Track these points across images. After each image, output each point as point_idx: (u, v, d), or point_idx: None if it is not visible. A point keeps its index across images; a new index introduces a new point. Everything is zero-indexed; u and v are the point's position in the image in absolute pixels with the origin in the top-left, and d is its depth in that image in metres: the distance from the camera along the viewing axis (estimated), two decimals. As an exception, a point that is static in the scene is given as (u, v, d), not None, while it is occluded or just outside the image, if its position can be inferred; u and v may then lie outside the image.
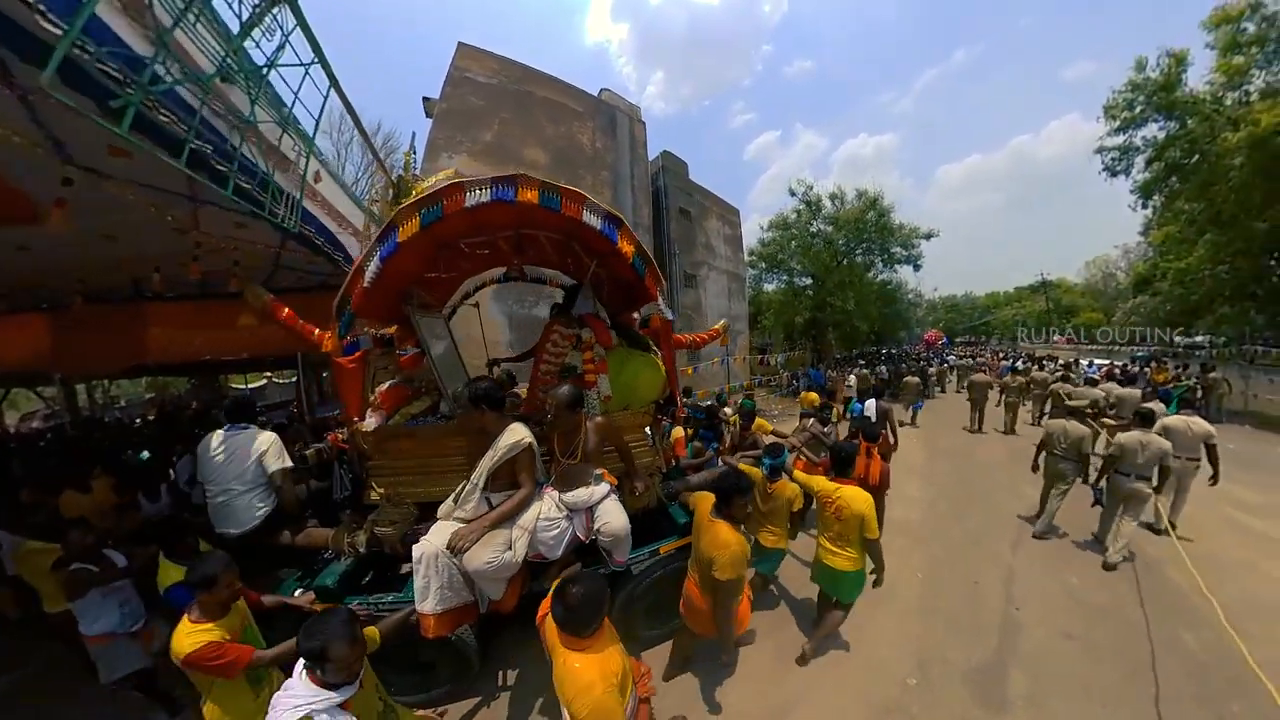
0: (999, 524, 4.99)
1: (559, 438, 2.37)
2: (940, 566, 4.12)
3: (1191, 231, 15.03)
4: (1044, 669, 2.85)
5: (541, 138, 10.29)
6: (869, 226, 17.60)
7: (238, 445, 2.67)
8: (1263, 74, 12.28)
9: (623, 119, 12.37)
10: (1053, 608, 3.47)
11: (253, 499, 2.63)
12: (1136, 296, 22.90)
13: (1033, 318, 42.41)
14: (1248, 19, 12.04)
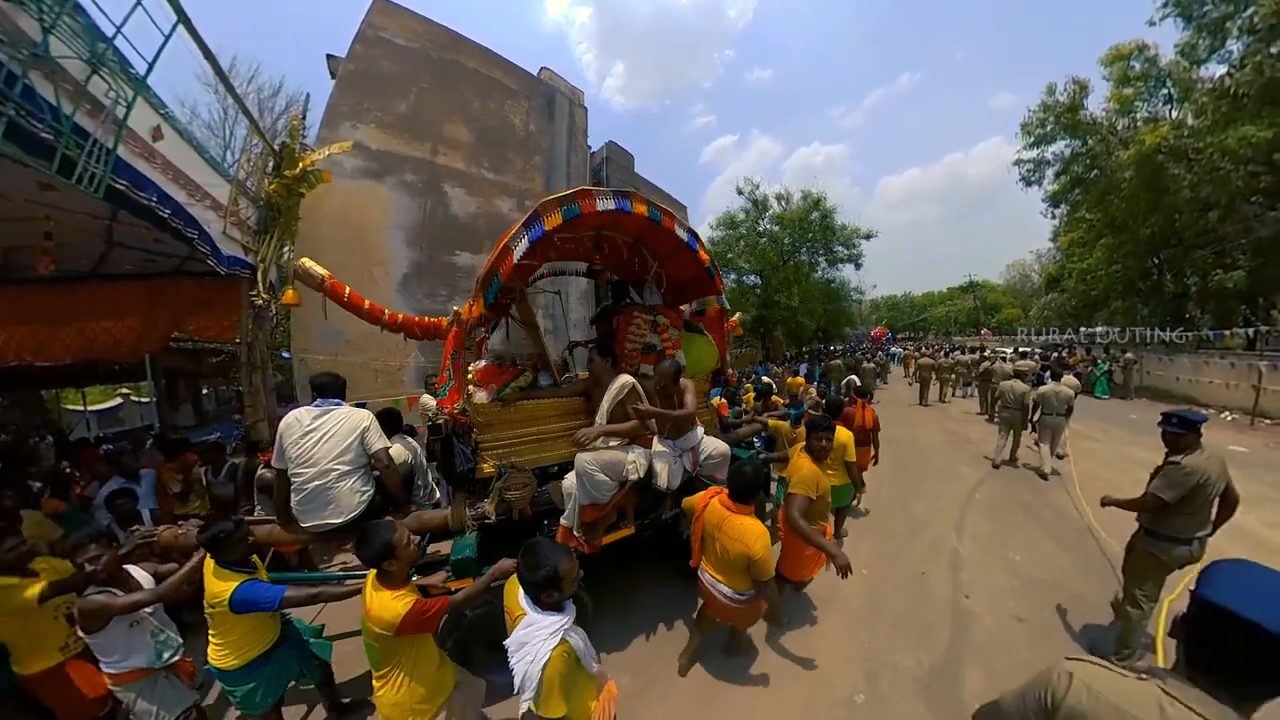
0: (942, 508, 5.30)
1: (662, 399, 3.08)
2: (887, 559, 4.21)
3: (1091, 236, 18.00)
4: (998, 661, 2.88)
5: (467, 113, 9.60)
6: (813, 226, 18.51)
7: (335, 423, 2.53)
8: (1146, 104, 15.00)
9: (563, 102, 11.93)
10: (1000, 590, 3.61)
11: (355, 482, 2.54)
12: (1048, 294, 26.36)
13: (963, 315, 49.06)
14: (1135, 58, 14.64)
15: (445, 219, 8.75)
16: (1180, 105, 14.49)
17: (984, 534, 4.60)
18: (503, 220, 9.77)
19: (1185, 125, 13.77)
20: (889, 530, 4.79)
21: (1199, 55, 13.34)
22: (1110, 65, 15.06)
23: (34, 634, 2.15)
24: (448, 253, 8.70)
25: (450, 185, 8.91)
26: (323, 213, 7.28)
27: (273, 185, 6.07)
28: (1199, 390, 12.02)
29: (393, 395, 7.23)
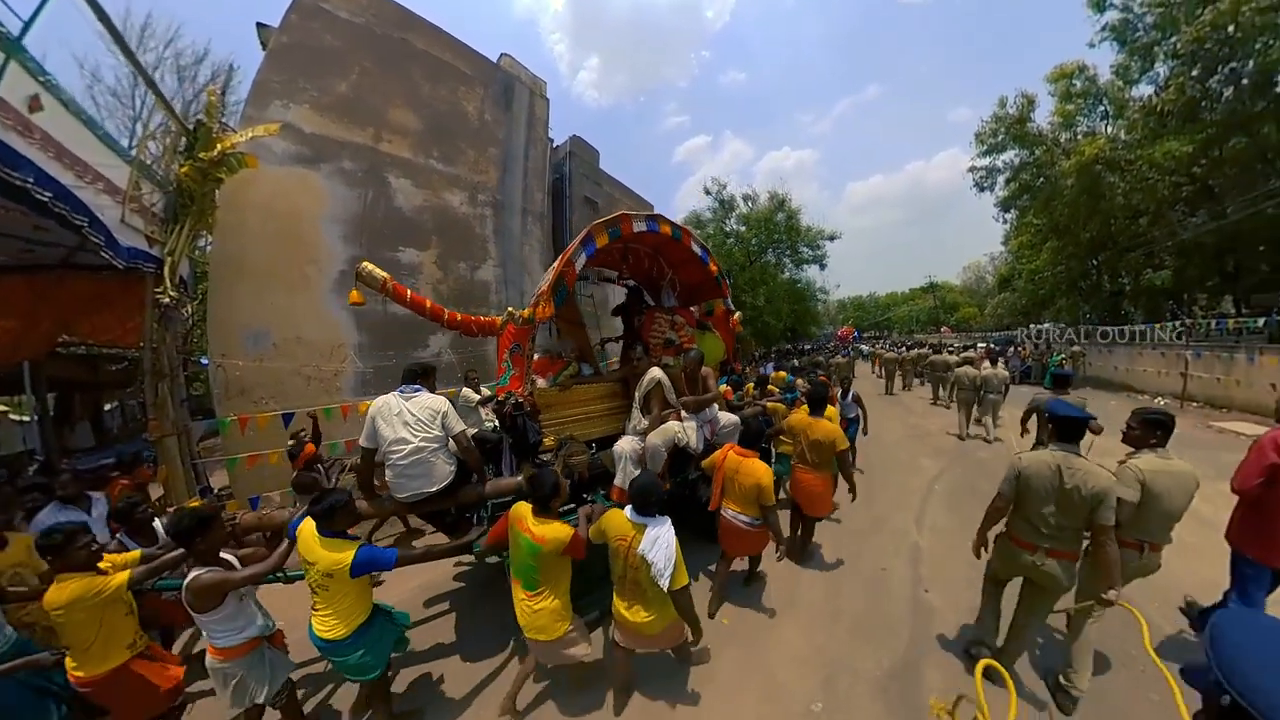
0: (903, 501, 5.51)
1: (688, 383, 3.86)
2: (848, 557, 4.29)
3: (1038, 239, 19.80)
4: (959, 655, 2.95)
5: (415, 98, 9.15)
6: (778, 227, 19.01)
7: (422, 406, 2.90)
8: (1086, 119, 16.71)
9: (522, 91, 11.63)
10: (959, 582, 3.71)
11: (443, 456, 2.92)
12: (1000, 293, 29.02)
13: (924, 314, 52.83)
14: (1076, 77, 16.31)
15: (388, 212, 8.29)
16: (1115, 121, 16.17)
17: (943, 526, 4.82)
18: (453, 215, 9.39)
19: (1119, 139, 15.25)
20: (851, 527, 4.92)
21: (1131, 76, 14.90)
22: (1055, 82, 16.62)
23: (108, 630, 2.18)
24: (390, 249, 8.24)
25: (395, 175, 8.45)
26: (247, 201, 6.74)
27: (184, 169, 5.55)
28: (1134, 378, 13.28)
29: (326, 403, 6.76)
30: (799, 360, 17.44)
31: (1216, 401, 10.46)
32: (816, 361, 15.34)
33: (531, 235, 10.94)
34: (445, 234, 9.01)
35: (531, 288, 10.81)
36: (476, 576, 4.45)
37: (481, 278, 9.57)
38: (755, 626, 3.38)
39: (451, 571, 4.51)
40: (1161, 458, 2.57)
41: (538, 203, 11.30)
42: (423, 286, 8.51)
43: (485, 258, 9.69)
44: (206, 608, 2.12)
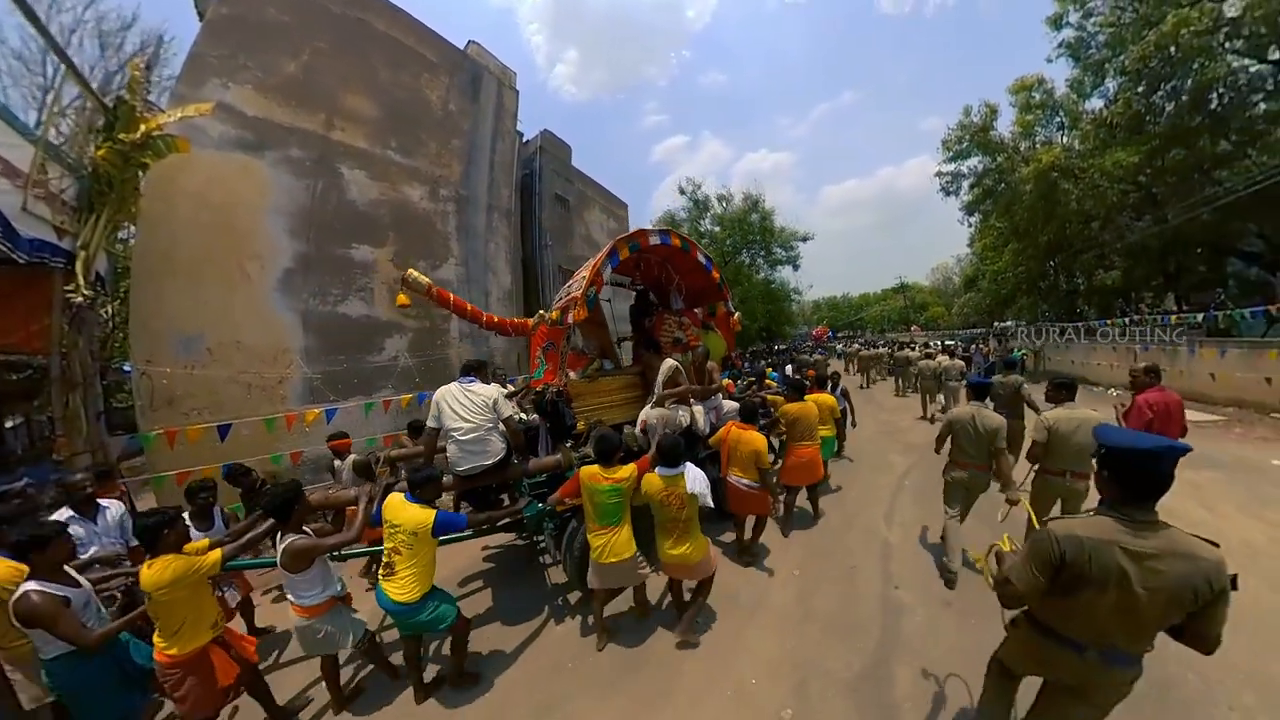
0: (874, 498, 5.65)
1: (696, 374, 4.67)
2: (819, 557, 4.33)
3: (1000, 242, 21.14)
4: (929, 652, 2.98)
5: (372, 84, 8.75)
6: (753, 228, 19.36)
7: (478, 394, 3.42)
8: (1044, 129, 18.04)
9: (489, 82, 11.34)
10: (928, 577, 3.79)
11: (495, 436, 3.43)
12: (966, 293, 30.47)
13: (895, 313, 55.62)
14: (1035, 89, 17.54)
15: (340, 205, 7.88)
16: (1070, 131, 17.36)
17: (912, 521, 4.92)
18: (413, 210, 9.02)
19: (1073, 149, 16.34)
20: (823, 525, 5.00)
21: (1084, 90, 16.10)
22: (1016, 94, 17.79)
23: (198, 608, 2.39)
24: (342, 245, 7.83)
25: (348, 166, 8.04)
26: (177, 189, 6.27)
27: (101, 151, 5.07)
28: (1089, 371, 14.23)
29: (268, 413, 6.32)
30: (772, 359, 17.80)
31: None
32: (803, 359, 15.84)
33: (497, 233, 10.66)
34: (403, 230, 8.65)
35: (496, 287, 10.57)
36: (503, 559, 5.03)
37: (442, 277, 9.23)
38: (725, 631, 3.34)
39: (480, 555, 5.07)
40: (1068, 409, 3.47)
41: (504, 199, 11.03)
42: (377, 286, 8.13)
43: (447, 256, 9.37)
44: (298, 569, 2.56)
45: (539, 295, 12.79)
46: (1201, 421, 8.81)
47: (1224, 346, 10.24)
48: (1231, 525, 4.32)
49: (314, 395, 7.27)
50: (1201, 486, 5.30)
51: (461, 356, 9.44)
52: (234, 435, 5.56)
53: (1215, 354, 10.32)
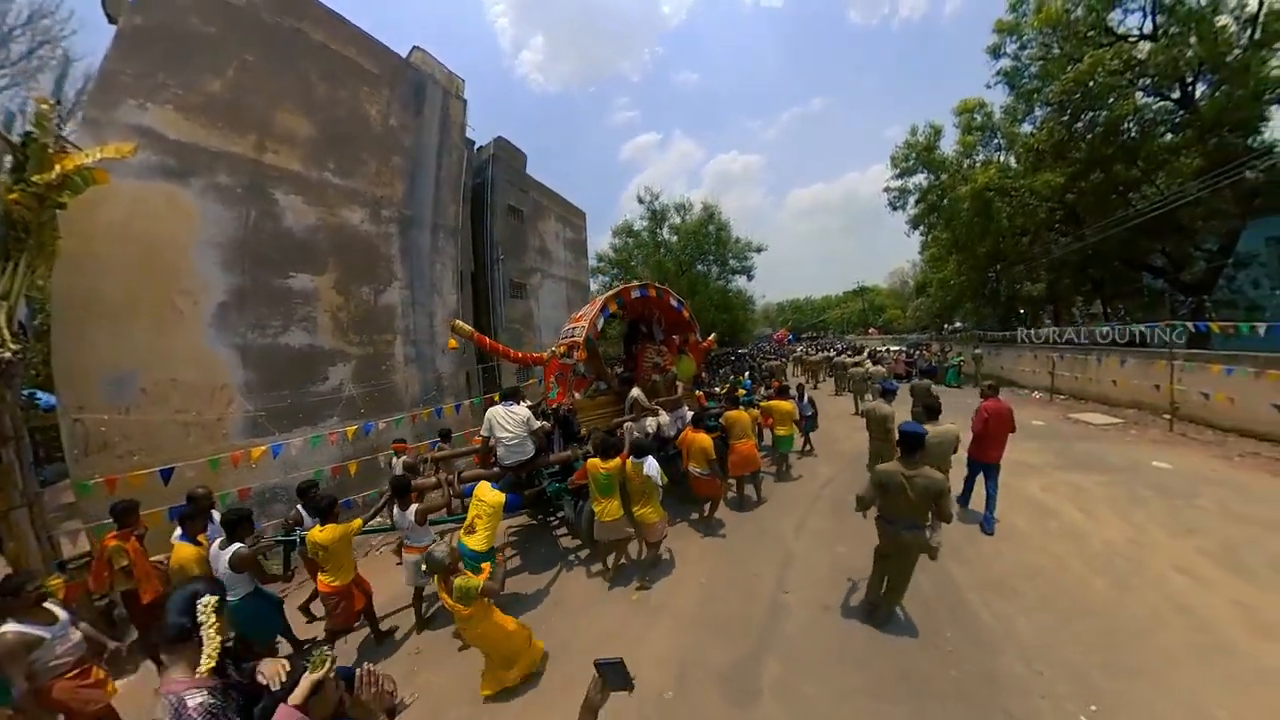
0: (790, 508, 6.48)
1: (667, 390, 7.39)
2: (728, 565, 5.12)
3: (944, 252, 22.97)
4: (800, 647, 3.74)
5: (307, 100, 8.73)
6: (708, 239, 20.23)
7: (516, 413, 5.29)
8: (984, 150, 19.83)
9: (435, 92, 11.40)
10: (818, 583, 4.60)
11: (529, 441, 5.31)
12: (918, 298, 33.49)
13: (855, 315, 59.39)
14: (977, 112, 19.32)
15: (276, 233, 7.96)
16: (1008, 152, 18.92)
17: (819, 530, 5.72)
18: (353, 234, 9.13)
19: (1010, 168, 17.94)
20: (738, 535, 5.81)
21: (1017, 116, 17.63)
22: (959, 115, 19.55)
23: (347, 558, 4.07)
24: (280, 275, 7.93)
25: (282, 191, 8.09)
26: (95, 224, 6.22)
27: (14, 195, 5.10)
28: (1018, 375, 16.07)
29: (210, 453, 6.49)
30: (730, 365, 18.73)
31: (1078, 394, 13.32)
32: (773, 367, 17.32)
33: (444, 252, 10.88)
34: (344, 255, 8.80)
35: (442, 309, 10.83)
36: (521, 534, 6.54)
37: (387, 301, 9.45)
38: (633, 629, 4.04)
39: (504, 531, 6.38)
40: (935, 425, 5.04)
41: (450, 216, 11.24)
42: (320, 315, 8.30)
43: (391, 279, 9.57)
44: (420, 525, 4.43)
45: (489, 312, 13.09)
46: (1104, 424, 10.33)
47: (1124, 356, 11.92)
48: (1099, 526, 5.27)
49: (256, 430, 7.43)
50: (1084, 490, 6.36)
51: (408, 382, 9.73)
52: (178, 476, 5.68)
53: (1117, 362, 12.03)
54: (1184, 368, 9.74)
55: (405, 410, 9.02)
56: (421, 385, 9.88)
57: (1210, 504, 5.72)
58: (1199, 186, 12.67)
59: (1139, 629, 3.56)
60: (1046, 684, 3.14)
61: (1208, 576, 4.17)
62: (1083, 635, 3.54)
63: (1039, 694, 3.07)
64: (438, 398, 9.94)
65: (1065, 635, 3.55)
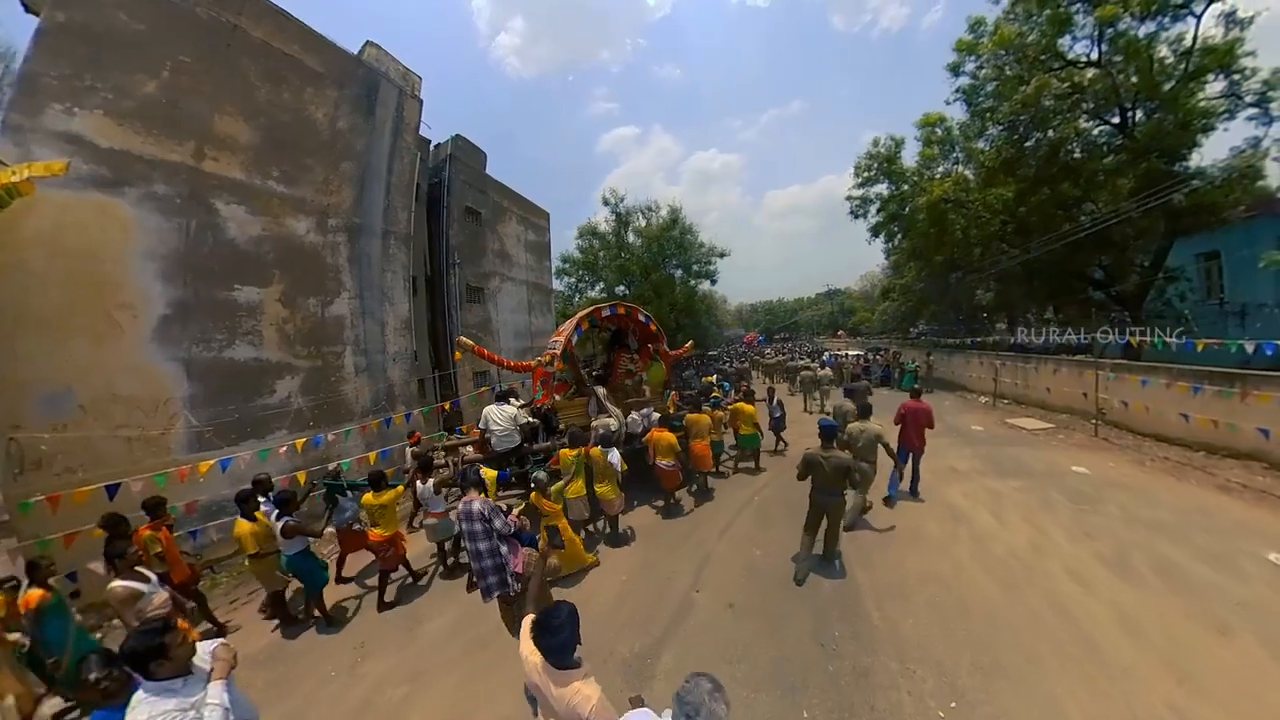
0: (719, 514, 7.04)
1: (636, 393, 8.44)
2: (648, 567, 5.61)
3: (905, 259, 24.09)
4: (697, 641, 4.24)
5: (248, 103, 8.68)
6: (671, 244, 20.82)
7: (506, 411, 6.82)
8: (944, 163, 20.91)
9: (388, 91, 11.41)
10: (729, 583, 5.11)
11: (515, 433, 6.82)
12: (883, 303, 34.88)
13: (825, 318, 61.69)
14: (938, 126, 20.34)
15: (218, 244, 7.98)
16: (966, 166, 20.09)
17: (741, 534, 6.26)
18: (299, 245, 9.16)
19: (965, 181, 19.06)
20: (662, 539, 6.33)
21: (973, 133, 18.71)
22: (921, 128, 20.60)
23: (395, 515, 5.47)
24: (223, 287, 7.97)
25: (224, 200, 8.10)
26: (23, 236, 6.19)
27: (-68, 212, 5.10)
28: (968, 380, 17.39)
29: (155, 468, 6.53)
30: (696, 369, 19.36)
31: (1018, 399, 14.59)
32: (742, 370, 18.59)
33: (395, 260, 10.99)
34: (290, 267, 8.86)
35: (393, 317, 10.96)
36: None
37: (335, 312, 9.53)
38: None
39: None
40: (862, 423, 6.32)
41: (403, 222, 11.34)
42: (266, 327, 8.36)
43: (339, 290, 9.65)
44: (436, 494, 5.72)
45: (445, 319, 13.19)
46: (1037, 429, 11.26)
47: (1058, 365, 13.08)
48: (1007, 532, 5.83)
49: (202, 445, 7.50)
50: (1001, 495, 6.99)
51: (359, 392, 9.83)
52: (124, 491, 5.71)
53: (1051, 370, 13.24)
54: (1109, 377, 10.78)
55: (356, 420, 9.17)
56: (373, 395, 10.02)
57: (1115, 509, 6.33)
58: (1132, 206, 13.88)
59: (1014, 630, 4.02)
60: (915, 681, 3.57)
61: (1094, 579, 4.66)
62: (961, 636, 4.01)
63: (905, 690, 3.49)
64: (389, 406, 10.09)
65: (944, 636, 4.03)
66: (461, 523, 3.93)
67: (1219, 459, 8.23)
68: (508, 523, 3.90)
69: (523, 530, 4.13)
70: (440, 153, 15.04)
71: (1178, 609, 4.19)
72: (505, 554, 3.77)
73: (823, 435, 5.06)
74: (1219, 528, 5.73)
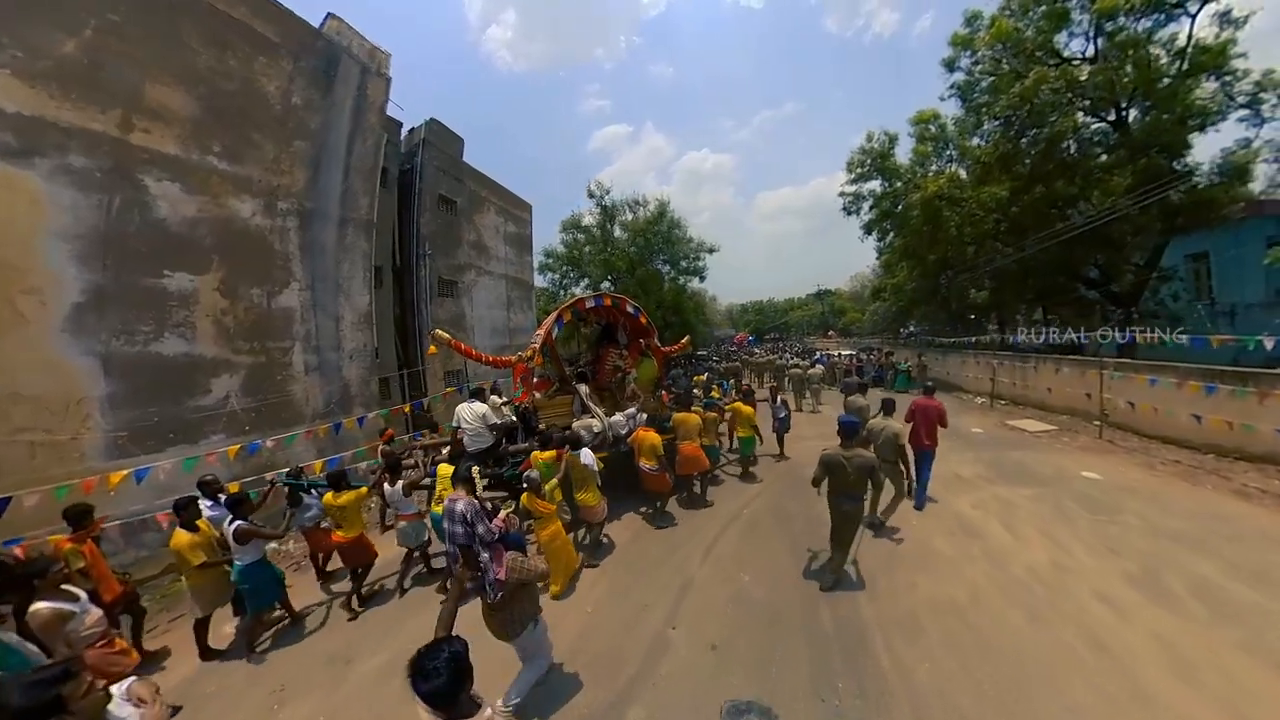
0: (704, 530, 6.37)
1: (622, 391, 8.25)
2: (619, 594, 4.87)
3: (897, 259, 23.83)
4: (672, 692, 3.55)
5: (187, 70, 7.83)
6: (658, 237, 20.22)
7: (475, 409, 6.38)
8: (937, 160, 20.75)
9: (350, 68, 10.63)
10: (711, 617, 4.42)
11: (487, 432, 6.37)
12: (874, 303, 34.80)
13: (815, 318, 62.38)
14: (931, 123, 20.20)
15: (146, 225, 7.14)
16: (959, 164, 20.01)
17: (728, 555, 5.60)
18: (243, 228, 8.36)
19: (959, 180, 18.87)
20: (640, 559, 5.64)
21: (968, 129, 18.72)
22: (915, 125, 20.42)
23: (360, 516, 5.22)
24: (151, 273, 7.14)
25: (154, 176, 7.25)
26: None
27: None
28: (963, 380, 17.02)
29: (62, 475, 5.75)
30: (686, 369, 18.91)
31: (1016, 400, 14.29)
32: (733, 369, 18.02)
33: (354, 248, 10.20)
34: (231, 252, 8.05)
35: (351, 311, 10.19)
36: None
37: (283, 304, 8.72)
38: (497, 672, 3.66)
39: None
40: (884, 420, 5.98)
41: (363, 208, 10.53)
42: (200, 319, 7.56)
43: (287, 280, 8.85)
44: (408, 495, 5.38)
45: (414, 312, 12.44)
46: (1039, 431, 10.95)
47: (1060, 364, 12.80)
48: (1025, 548, 5.35)
49: (121, 451, 6.71)
50: (1013, 505, 6.56)
51: (309, 392, 9.04)
52: (15, 506, 5.05)
53: (1053, 370, 12.96)
54: (1112, 376, 10.45)
55: (307, 423, 8.39)
56: (325, 396, 9.21)
57: (1134, 519, 5.96)
58: (1129, 203, 13.71)
59: (1048, 674, 3.48)
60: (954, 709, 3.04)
61: (1128, 605, 4.19)
62: (986, 684, 3.43)
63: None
64: (345, 408, 9.31)
65: (967, 684, 3.44)
66: (443, 522, 3.59)
67: (1230, 462, 7.97)
68: (491, 529, 3.50)
69: (509, 531, 3.74)
70: (414, 138, 14.28)
71: (1228, 641, 3.70)
72: (486, 560, 3.39)
73: (843, 433, 4.65)
74: (1245, 538, 5.38)
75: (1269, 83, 13.19)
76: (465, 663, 1.77)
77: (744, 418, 8.01)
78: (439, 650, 1.75)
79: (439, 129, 14.40)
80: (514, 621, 3.31)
